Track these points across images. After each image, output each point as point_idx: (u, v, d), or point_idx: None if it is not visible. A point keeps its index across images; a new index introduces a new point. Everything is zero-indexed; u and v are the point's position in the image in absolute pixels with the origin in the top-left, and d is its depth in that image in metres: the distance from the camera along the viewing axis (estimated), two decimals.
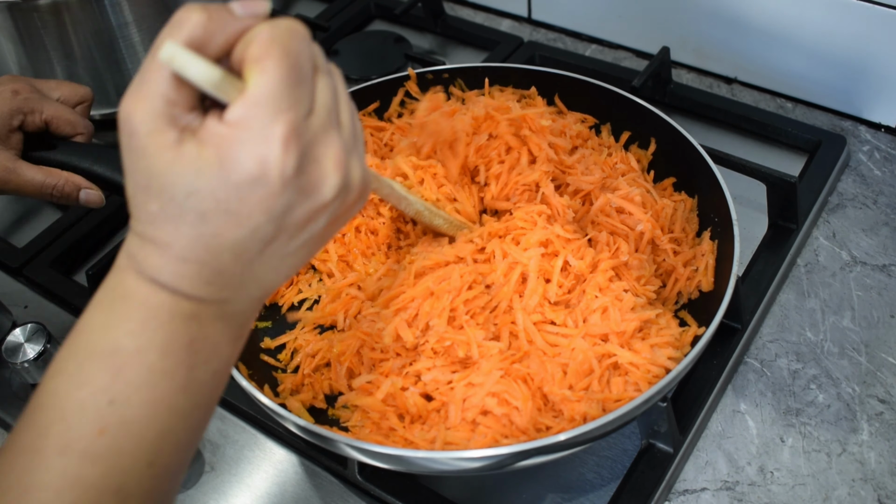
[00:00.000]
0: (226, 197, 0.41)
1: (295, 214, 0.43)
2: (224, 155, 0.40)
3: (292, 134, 0.41)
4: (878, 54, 0.98)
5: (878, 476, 0.72)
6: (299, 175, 0.42)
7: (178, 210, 0.41)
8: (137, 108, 0.41)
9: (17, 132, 0.81)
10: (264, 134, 0.40)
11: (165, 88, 0.40)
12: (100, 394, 0.42)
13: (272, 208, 0.42)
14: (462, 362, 0.69)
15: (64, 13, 0.94)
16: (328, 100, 0.44)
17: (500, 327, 0.71)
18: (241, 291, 0.45)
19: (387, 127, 0.92)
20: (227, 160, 0.40)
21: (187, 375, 0.44)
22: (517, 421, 0.64)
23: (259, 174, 0.41)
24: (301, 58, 0.42)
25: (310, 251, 0.47)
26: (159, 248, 0.42)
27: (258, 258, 0.44)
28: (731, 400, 0.79)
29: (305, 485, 0.75)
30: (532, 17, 1.25)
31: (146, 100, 0.41)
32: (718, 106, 1.04)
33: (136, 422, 0.43)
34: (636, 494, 0.70)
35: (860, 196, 0.96)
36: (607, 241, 0.76)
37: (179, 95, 0.41)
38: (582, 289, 0.72)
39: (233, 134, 0.40)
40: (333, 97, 0.45)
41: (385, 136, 0.92)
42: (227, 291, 0.45)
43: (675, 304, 0.77)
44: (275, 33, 0.41)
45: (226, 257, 0.43)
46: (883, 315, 0.84)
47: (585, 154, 0.84)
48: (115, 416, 0.42)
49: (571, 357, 0.68)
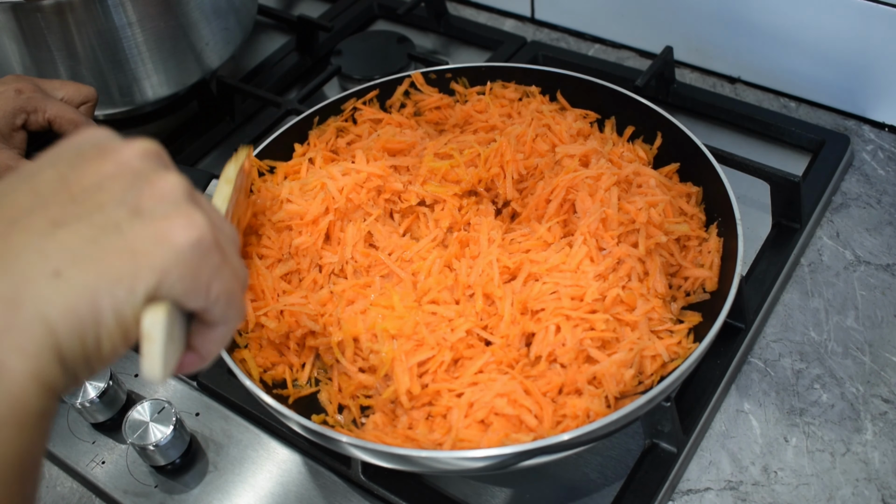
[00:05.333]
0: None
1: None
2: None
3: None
4: (882, 54, 0.98)
5: (882, 476, 0.72)
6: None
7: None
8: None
9: (21, 131, 0.81)
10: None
11: None
12: None
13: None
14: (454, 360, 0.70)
15: (67, 13, 0.94)
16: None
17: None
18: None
19: (385, 117, 0.92)
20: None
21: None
22: (528, 420, 0.64)
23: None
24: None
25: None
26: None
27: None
28: (734, 399, 0.79)
29: (309, 484, 0.75)
30: (535, 17, 1.25)
31: None
32: (722, 105, 1.04)
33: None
34: (640, 494, 0.70)
35: (864, 195, 0.96)
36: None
37: None
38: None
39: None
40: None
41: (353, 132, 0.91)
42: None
43: (674, 302, 0.76)
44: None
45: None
46: (887, 315, 0.84)
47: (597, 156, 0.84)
48: None
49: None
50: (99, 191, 0.39)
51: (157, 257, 0.38)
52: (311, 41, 1.21)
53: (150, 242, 0.38)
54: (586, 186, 0.77)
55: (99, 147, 0.41)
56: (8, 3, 0.92)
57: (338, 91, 1.12)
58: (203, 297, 0.40)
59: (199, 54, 1.07)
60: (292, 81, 1.20)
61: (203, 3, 1.03)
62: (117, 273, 0.37)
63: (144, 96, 1.05)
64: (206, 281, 0.40)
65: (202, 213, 0.40)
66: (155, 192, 0.40)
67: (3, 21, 0.95)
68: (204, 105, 1.13)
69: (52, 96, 0.84)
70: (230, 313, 0.43)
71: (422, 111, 0.93)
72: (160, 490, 0.75)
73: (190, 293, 0.40)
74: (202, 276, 0.40)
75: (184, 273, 0.39)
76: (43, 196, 0.39)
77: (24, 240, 0.37)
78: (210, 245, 0.40)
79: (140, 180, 0.40)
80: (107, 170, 0.40)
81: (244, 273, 0.44)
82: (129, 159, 0.41)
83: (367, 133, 0.90)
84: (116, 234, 0.38)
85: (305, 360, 0.74)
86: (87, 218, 0.38)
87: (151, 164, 0.41)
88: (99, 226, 0.38)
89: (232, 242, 0.44)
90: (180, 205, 0.40)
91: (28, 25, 0.95)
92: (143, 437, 0.73)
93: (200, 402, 0.81)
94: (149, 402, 0.75)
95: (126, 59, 1.00)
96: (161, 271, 0.38)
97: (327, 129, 0.90)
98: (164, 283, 0.38)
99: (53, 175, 0.40)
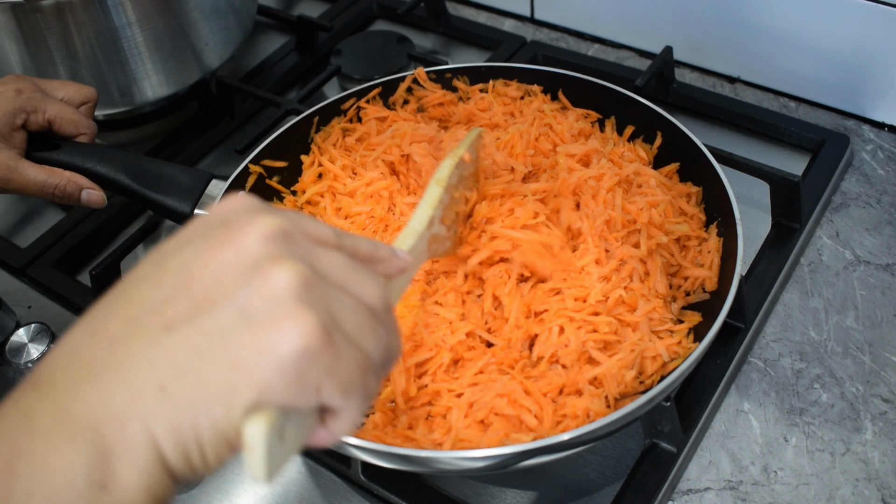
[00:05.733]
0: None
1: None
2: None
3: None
4: (882, 53, 0.98)
5: (881, 475, 0.72)
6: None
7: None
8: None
9: (21, 131, 0.81)
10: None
11: None
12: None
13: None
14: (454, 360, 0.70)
15: (67, 14, 0.94)
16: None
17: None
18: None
19: (390, 115, 0.92)
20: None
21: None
22: (528, 421, 0.64)
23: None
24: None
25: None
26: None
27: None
28: (734, 399, 0.79)
29: (309, 484, 0.75)
30: (535, 17, 1.25)
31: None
32: (721, 105, 1.04)
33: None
34: (640, 494, 0.70)
35: (864, 195, 0.96)
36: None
37: None
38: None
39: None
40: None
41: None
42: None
43: (674, 301, 0.77)
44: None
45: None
46: (887, 314, 0.84)
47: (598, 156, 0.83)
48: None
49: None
50: (214, 286, 0.39)
51: (257, 371, 0.37)
52: (311, 41, 1.22)
53: (253, 353, 0.37)
54: (589, 189, 0.77)
55: (225, 226, 0.41)
56: (8, 4, 0.92)
57: (337, 91, 1.12)
58: (313, 398, 0.39)
59: (199, 54, 1.07)
60: (292, 81, 1.20)
61: (203, 3, 1.03)
62: (215, 389, 0.37)
63: (144, 96, 1.05)
64: (314, 385, 0.38)
65: (313, 313, 0.38)
66: (266, 289, 0.38)
67: (3, 21, 0.95)
68: (204, 105, 1.13)
69: (52, 96, 0.84)
70: (350, 402, 0.40)
71: (425, 107, 0.93)
72: None
73: (295, 400, 0.38)
74: (309, 381, 0.38)
75: (287, 383, 0.37)
76: (164, 291, 0.39)
77: (137, 347, 0.38)
78: (319, 348, 0.38)
79: (254, 273, 0.39)
80: (226, 258, 0.39)
81: (378, 350, 0.42)
82: (248, 245, 0.40)
83: (374, 131, 0.90)
84: (221, 344, 0.37)
85: None
86: (197, 322, 0.38)
87: (270, 248, 0.40)
88: (206, 332, 0.37)
89: (363, 323, 0.41)
90: (289, 305, 0.38)
91: (28, 25, 0.95)
92: None
93: None
94: None
95: (126, 59, 1.00)
96: (260, 385, 0.37)
97: (332, 130, 0.90)
98: (264, 396, 0.37)
99: (179, 264, 0.40)
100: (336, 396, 0.39)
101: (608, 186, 0.77)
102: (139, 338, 0.38)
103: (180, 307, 0.38)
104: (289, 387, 0.37)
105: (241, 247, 0.39)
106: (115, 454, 0.36)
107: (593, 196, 0.77)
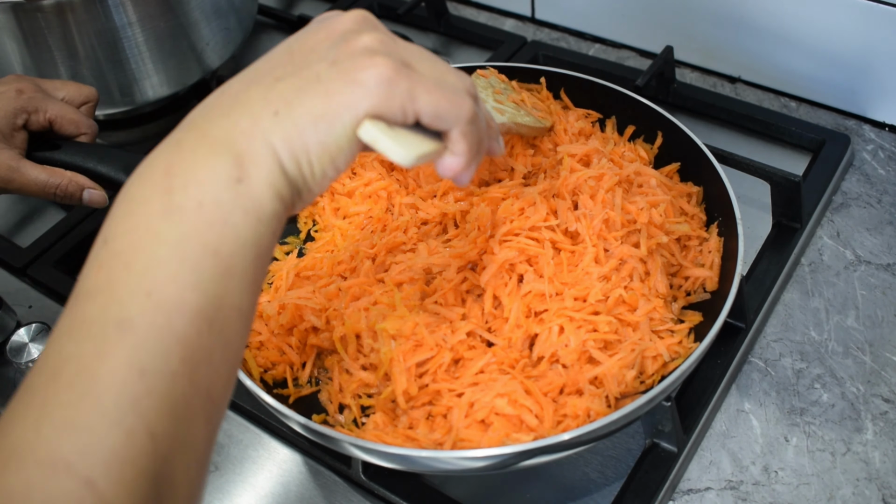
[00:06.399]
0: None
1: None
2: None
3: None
4: (883, 53, 0.98)
5: (882, 475, 0.72)
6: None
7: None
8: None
9: (22, 131, 0.81)
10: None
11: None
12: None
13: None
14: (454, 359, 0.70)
15: (68, 13, 0.94)
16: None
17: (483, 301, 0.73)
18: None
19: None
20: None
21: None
22: (528, 420, 0.64)
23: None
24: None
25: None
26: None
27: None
28: (735, 399, 0.79)
29: (309, 484, 0.75)
30: (535, 17, 1.25)
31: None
32: (722, 105, 1.04)
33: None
34: (640, 494, 0.70)
35: (864, 195, 0.96)
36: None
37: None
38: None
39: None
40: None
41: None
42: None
43: (674, 301, 0.77)
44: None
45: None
46: (887, 314, 0.84)
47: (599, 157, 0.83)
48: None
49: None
50: (311, 52, 0.50)
51: (349, 96, 0.47)
52: None
53: (343, 86, 0.48)
54: (588, 188, 0.77)
55: (322, 20, 0.53)
56: (8, 3, 0.92)
57: None
58: (407, 113, 0.49)
59: (200, 54, 1.07)
60: None
61: (203, 2, 1.04)
62: (318, 112, 0.47)
63: (145, 96, 1.05)
64: (400, 103, 0.48)
65: (386, 56, 0.48)
66: (350, 47, 0.49)
67: (3, 21, 0.95)
68: None
69: (52, 96, 0.84)
70: (449, 116, 0.50)
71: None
72: None
73: (389, 113, 0.48)
74: (395, 100, 0.48)
75: (376, 103, 0.48)
76: (273, 62, 0.51)
77: (256, 92, 0.49)
78: (393, 76, 0.48)
79: (342, 40, 0.50)
80: (320, 37, 0.51)
81: (454, 82, 0.52)
82: (339, 25, 0.51)
83: None
84: (317, 83, 0.48)
85: (306, 359, 0.74)
86: (298, 73, 0.49)
87: (357, 26, 0.51)
88: (305, 78, 0.48)
89: (438, 65, 0.52)
90: (367, 53, 0.48)
91: (28, 25, 0.95)
92: None
93: None
94: None
95: (126, 59, 1.00)
96: (351, 106, 0.47)
97: None
98: (356, 112, 0.48)
99: (284, 47, 0.52)
100: (428, 114, 0.50)
101: (608, 186, 0.77)
102: (256, 87, 0.49)
103: (285, 68, 0.49)
104: (379, 105, 0.48)
105: (332, 28, 0.51)
106: (246, 159, 0.46)
107: (592, 196, 0.77)
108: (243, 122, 0.47)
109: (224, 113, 0.48)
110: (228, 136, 0.47)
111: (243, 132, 0.47)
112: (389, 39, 0.51)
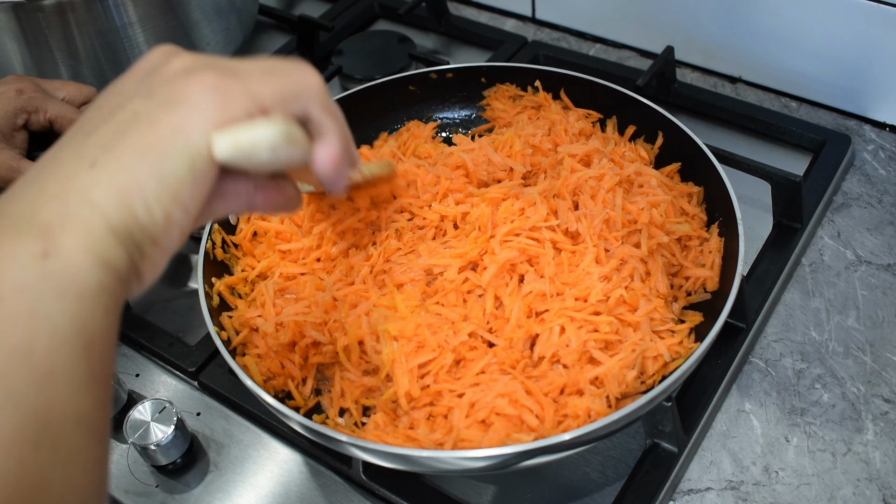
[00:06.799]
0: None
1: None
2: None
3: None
4: (883, 53, 0.98)
5: (883, 476, 0.72)
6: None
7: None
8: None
9: (22, 131, 0.81)
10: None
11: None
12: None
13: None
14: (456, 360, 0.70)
15: (68, 13, 0.94)
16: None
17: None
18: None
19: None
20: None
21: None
22: (529, 420, 0.64)
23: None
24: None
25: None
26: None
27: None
28: (735, 399, 0.79)
29: (310, 484, 0.75)
30: (536, 17, 1.25)
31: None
32: (723, 105, 1.04)
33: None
34: (641, 494, 0.70)
35: (865, 195, 0.96)
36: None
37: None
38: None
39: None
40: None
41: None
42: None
43: (675, 301, 0.77)
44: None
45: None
46: (888, 314, 0.84)
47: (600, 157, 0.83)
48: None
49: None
50: (119, 96, 0.44)
51: (174, 117, 0.42)
52: (312, 41, 1.21)
53: (165, 110, 0.42)
54: (589, 188, 0.77)
55: (127, 71, 0.47)
56: (9, 3, 0.92)
57: (338, 91, 1.12)
58: (251, 111, 0.44)
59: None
60: None
61: (204, 2, 1.03)
62: (144, 144, 0.41)
63: None
64: (240, 104, 0.43)
65: (204, 70, 0.44)
66: (161, 76, 0.44)
67: (4, 21, 0.95)
68: None
69: (53, 96, 0.84)
70: (298, 91, 0.46)
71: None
72: (161, 490, 0.75)
73: (232, 119, 0.43)
74: (232, 103, 0.43)
75: (211, 115, 0.42)
76: (81, 123, 0.44)
77: (65, 153, 0.42)
78: (219, 82, 0.43)
79: (151, 73, 0.45)
80: (126, 80, 0.46)
81: (288, 65, 0.47)
82: (143, 64, 0.46)
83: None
84: (135, 120, 0.42)
85: (307, 374, 0.74)
86: (111, 119, 0.43)
87: (164, 57, 0.46)
88: (120, 120, 0.42)
89: (261, 64, 0.47)
90: (183, 74, 0.43)
91: (29, 25, 0.95)
92: (144, 436, 0.74)
93: (201, 402, 0.81)
94: (150, 401, 0.76)
95: (127, 59, 1.00)
96: (182, 128, 0.42)
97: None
98: (192, 137, 0.42)
99: (93, 107, 0.45)
100: (274, 99, 0.44)
101: (608, 186, 0.77)
102: (66, 149, 0.42)
103: (95, 122, 0.43)
104: (214, 116, 0.42)
105: (136, 68, 0.46)
106: (56, 227, 0.39)
107: (592, 196, 0.77)
108: (51, 186, 0.40)
109: (27, 184, 0.41)
110: (31, 207, 0.39)
111: (52, 197, 0.40)
112: (203, 57, 0.46)
